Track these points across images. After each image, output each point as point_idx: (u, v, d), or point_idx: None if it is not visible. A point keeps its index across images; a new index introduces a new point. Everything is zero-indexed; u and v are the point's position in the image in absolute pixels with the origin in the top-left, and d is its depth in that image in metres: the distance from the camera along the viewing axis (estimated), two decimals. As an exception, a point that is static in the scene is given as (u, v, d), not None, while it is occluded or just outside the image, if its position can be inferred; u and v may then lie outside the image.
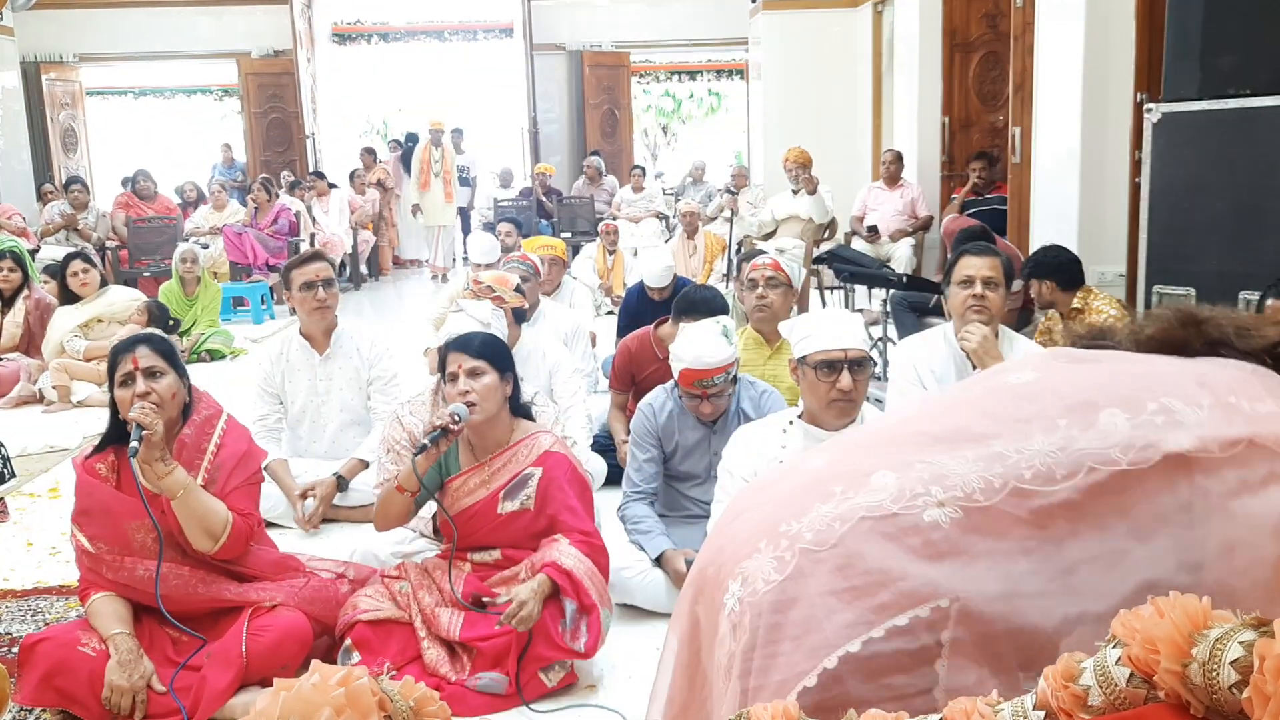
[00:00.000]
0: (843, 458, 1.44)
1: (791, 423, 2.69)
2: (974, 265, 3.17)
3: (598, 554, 2.69)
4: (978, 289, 3.14)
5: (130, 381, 2.59)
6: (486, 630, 2.59)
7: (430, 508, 2.91)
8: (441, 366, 2.80)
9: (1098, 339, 1.53)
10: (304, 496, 3.76)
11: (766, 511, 1.41)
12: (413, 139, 12.75)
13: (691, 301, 3.85)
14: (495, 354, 2.73)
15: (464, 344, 2.74)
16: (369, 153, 12.00)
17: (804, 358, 2.61)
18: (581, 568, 2.60)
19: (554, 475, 2.72)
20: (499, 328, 3.45)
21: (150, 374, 2.60)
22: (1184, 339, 1.43)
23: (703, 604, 1.45)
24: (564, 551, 2.62)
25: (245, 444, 2.78)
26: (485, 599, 2.67)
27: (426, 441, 2.60)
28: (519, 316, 4.08)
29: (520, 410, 2.85)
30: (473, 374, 2.68)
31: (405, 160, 11.96)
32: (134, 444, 2.47)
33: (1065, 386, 1.35)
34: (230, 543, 2.62)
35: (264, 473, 2.92)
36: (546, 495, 2.72)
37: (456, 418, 2.61)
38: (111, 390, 2.63)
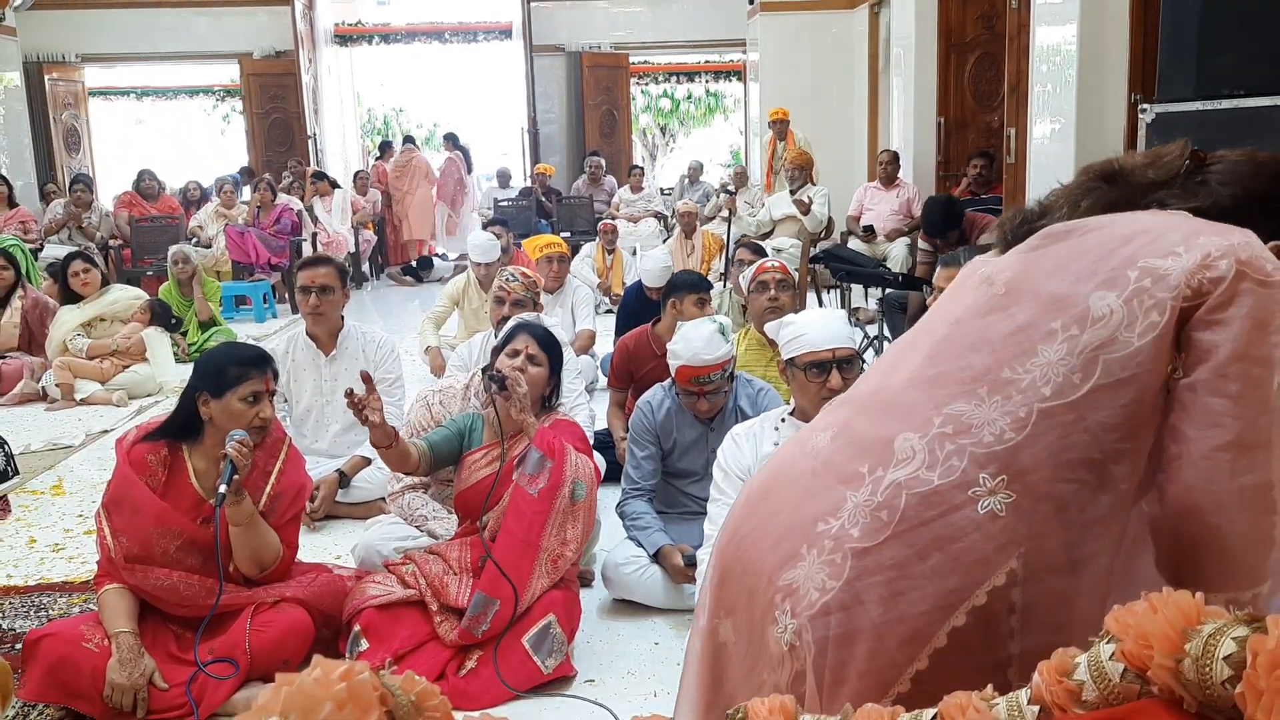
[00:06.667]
0: (848, 429, 1.34)
1: (784, 420, 2.72)
2: (942, 276, 3.26)
3: (587, 453, 2.88)
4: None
5: (255, 400, 2.57)
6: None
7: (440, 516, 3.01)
8: (505, 341, 2.97)
9: (1033, 221, 1.41)
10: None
11: (792, 509, 1.30)
12: (452, 138, 12.58)
13: (675, 285, 4.22)
14: (552, 352, 2.98)
15: (533, 331, 2.99)
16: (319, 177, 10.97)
17: (793, 359, 2.66)
18: (569, 449, 2.77)
19: (559, 428, 2.87)
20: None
21: (271, 398, 2.64)
22: (1121, 199, 1.35)
23: (732, 622, 1.36)
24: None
25: (302, 475, 2.79)
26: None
27: (494, 386, 2.76)
28: None
29: (548, 408, 3.03)
30: (532, 360, 2.90)
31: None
32: (222, 490, 2.43)
33: (1042, 284, 1.27)
34: (274, 572, 2.66)
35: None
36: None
37: (514, 383, 2.77)
38: (215, 392, 2.56)
